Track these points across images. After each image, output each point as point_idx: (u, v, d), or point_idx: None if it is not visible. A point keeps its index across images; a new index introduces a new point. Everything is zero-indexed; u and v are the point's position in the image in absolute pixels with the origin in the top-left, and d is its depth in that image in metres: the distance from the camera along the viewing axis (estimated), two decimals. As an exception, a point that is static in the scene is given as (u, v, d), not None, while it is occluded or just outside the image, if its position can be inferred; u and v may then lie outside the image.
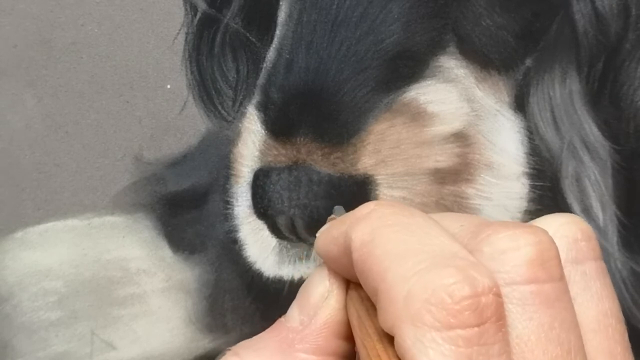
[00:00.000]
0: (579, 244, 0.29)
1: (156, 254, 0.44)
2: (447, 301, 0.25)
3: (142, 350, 0.44)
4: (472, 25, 0.41)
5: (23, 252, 0.43)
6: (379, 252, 0.27)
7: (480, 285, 0.25)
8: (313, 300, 0.30)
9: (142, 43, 0.43)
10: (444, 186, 0.41)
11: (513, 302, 0.26)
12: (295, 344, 0.30)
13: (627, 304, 0.42)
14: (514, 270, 0.26)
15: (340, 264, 0.29)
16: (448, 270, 0.25)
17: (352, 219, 0.29)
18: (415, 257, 0.26)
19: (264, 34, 0.43)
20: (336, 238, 0.29)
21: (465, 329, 0.25)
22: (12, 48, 0.43)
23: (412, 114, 0.41)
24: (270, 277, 0.43)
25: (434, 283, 0.25)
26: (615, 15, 0.41)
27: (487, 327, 0.25)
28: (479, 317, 0.25)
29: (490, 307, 0.25)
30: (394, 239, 0.27)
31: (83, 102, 0.43)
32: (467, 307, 0.25)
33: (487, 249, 0.27)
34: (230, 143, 0.43)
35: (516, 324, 0.26)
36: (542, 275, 0.26)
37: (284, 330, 0.30)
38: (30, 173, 0.43)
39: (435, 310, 0.25)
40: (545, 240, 0.27)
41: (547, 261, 0.27)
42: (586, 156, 0.42)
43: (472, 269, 0.25)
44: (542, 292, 0.26)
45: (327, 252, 0.30)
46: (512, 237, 0.27)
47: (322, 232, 0.31)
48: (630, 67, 0.42)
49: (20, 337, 0.43)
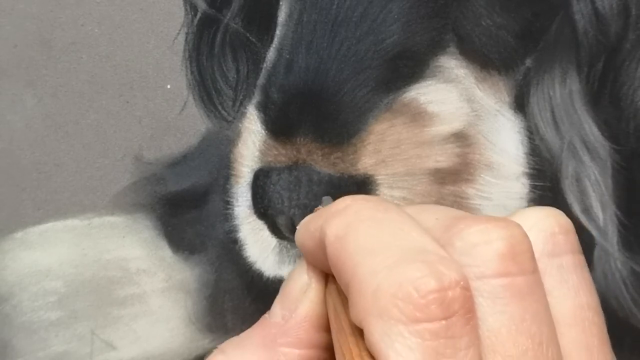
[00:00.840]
0: (556, 237, 0.29)
1: (156, 254, 0.44)
2: (414, 295, 0.25)
3: (142, 350, 0.44)
4: (472, 25, 0.41)
5: (23, 252, 0.43)
6: (352, 247, 0.27)
7: (447, 280, 0.25)
8: (293, 294, 0.30)
9: (142, 43, 0.43)
10: (444, 186, 0.41)
11: (484, 296, 0.26)
12: (277, 338, 0.30)
13: (627, 304, 0.42)
14: (485, 264, 0.26)
15: (317, 257, 0.29)
16: (415, 265, 0.25)
17: (328, 213, 0.29)
18: (385, 252, 0.26)
19: (264, 34, 0.43)
20: (312, 232, 0.29)
21: (432, 322, 0.25)
22: (12, 48, 0.43)
23: (412, 114, 0.41)
24: (270, 277, 0.43)
25: (401, 277, 0.25)
26: (615, 15, 0.41)
27: (454, 321, 0.25)
28: (445, 311, 0.25)
29: (457, 300, 0.25)
30: (367, 234, 0.27)
31: (83, 102, 0.43)
32: (434, 301, 0.25)
33: (458, 243, 0.27)
34: (230, 143, 0.43)
35: (487, 317, 0.26)
36: (513, 268, 0.26)
37: (267, 325, 0.30)
38: (30, 173, 0.43)
39: (402, 304, 0.25)
40: (518, 233, 0.27)
41: (518, 255, 0.27)
42: (586, 156, 0.42)
43: (440, 264, 0.25)
44: (513, 285, 0.26)
45: (304, 246, 0.30)
46: (484, 231, 0.27)
47: (302, 224, 0.31)
48: (630, 67, 0.42)
49: (20, 337, 0.43)
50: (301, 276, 0.31)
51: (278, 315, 0.30)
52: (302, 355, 0.30)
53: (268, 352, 0.30)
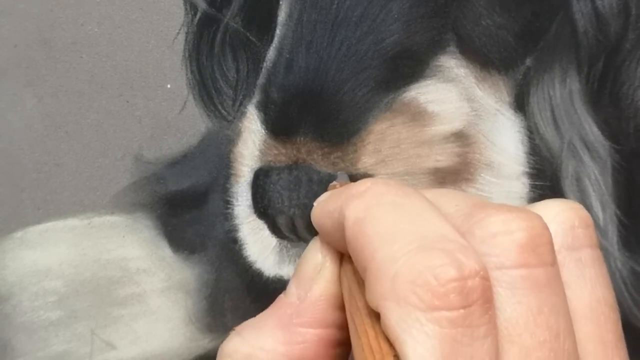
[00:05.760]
0: (576, 231, 0.29)
1: (156, 254, 0.44)
2: (433, 283, 0.25)
3: (142, 350, 0.44)
4: (472, 25, 0.41)
5: (23, 252, 0.43)
6: (370, 231, 0.27)
7: (467, 269, 0.25)
8: (308, 273, 0.30)
9: (142, 43, 0.43)
10: (444, 185, 0.41)
11: (502, 286, 0.26)
12: (293, 318, 0.30)
13: (627, 303, 0.42)
14: (504, 254, 0.26)
15: (334, 237, 0.29)
16: (435, 253, 0.25)
17: (348, 195, 0.29)
18: (405, 239, 0.26)
19: (264, 34, 0.43)
20: (331, 212, 0.29)
21: (450, 311, 0.25)
22: (12, 48, 0.43)
23: (412, 114, 0.41)
24: (270, 277, 0.43)
25: (420, 265, 0.25)
26: (615, 15, 0.41)
27: (473, 310, 0.25)
28: (464, 300, 0.25)
29: (476, 290, 0.25)
30: (386, 218, 0.27)
31: (83, 102, 0.43)
32: (453, 290, 0.25)
33: (479, 232, 0.27)
34: (230, 143, 0.43)
35: (505, 307, 0.26)
36: (532, 260, 0.26)
37: (283, 305, 0.30)
38: (30, 173, 0.43)
39: (421, 292, 0.25)
40: (538, 225, 0.27)
41: (538, 246, 0.27)
42: (586, 156, 0.42)
43: (460, 252, 0.25)
44: (532, 276, 0.26)
45: (321, 225, 0.30)
46: (505, 221, 0.27)
47: (320, 202, 0.31)
48: (630, 67, 0.42)
49: (20, 337, 0.43)
50: (315, 255, 0.30)
51: (294, 294, 0.30)
52: (318, 334, 0.30)
53: (284, 332, 0.30)
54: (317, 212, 0.31)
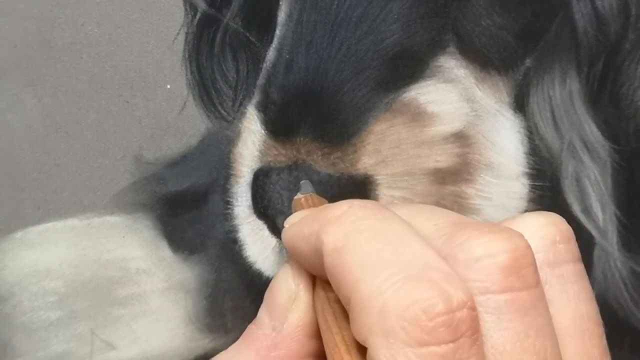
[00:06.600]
0: (557, 247, 0.29)
1: (156, 254, 0.44)
2: (422, 318, 0.25)
3: (142, 350, 0.44)
4: (472, 25, 0.41)
5: (23, 252, 0.43)
6: (351, 260, 0.26)
7: (455, 301, 0.25)
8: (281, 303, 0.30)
9: (142, 43, 0.43)
10: (444, 186, 0.41)
11: (488, 312, 0.26)
12: (270, 352, 0.29)
13: (627, 304, 0.42)
14: (489, 279, 0.26)
15: (310, 262, 0.29)
16: (422, 285, 0.25)
17: (324, 219, 0.28)
18: (389, 269, 0.26)
19: (264, 34, 0.43)
20: (307, 237, 0.29)
21: (439, 346, 0.25)
22: (12, 48, 0.43)
23: (412, 114, 0.41)
24: (270, 277, 0.43)
25: (408, 299, 0.25)
26: (615, 15, 0.41)
27: (462, 342, 0.25)
28: (453, 333, 0.25)
29: (465, 322, 0.25)
30: (366, 246, 0.27)
31: (83, 102, 0.43)
32: (442, 324, 0.25)
33: (461, 256, 0.27)
34: (230, 143, 0.43)
35: (491, 333, 0.26)
36: (516, 283, 0.26)
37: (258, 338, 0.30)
38: (30, 173, 0.43)
39: (409, 327, 0.25)
40: (521, 246, 0.27)
41: (522, 269, 0.26)
42: (586, 156, 0.42)
43: (446, 283, 0.25)
44: (517, 300, 0.26)
45: (295, 249, 0.30)
46: (487, 243, 0.27)
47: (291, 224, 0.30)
48: (630, 67, 0.42)
49: (20, 337, 0.43)
50: (287, 283, 0.30)
51: (267, 326, 0.30)
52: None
53: None
54: (289, 235, 0.30)
